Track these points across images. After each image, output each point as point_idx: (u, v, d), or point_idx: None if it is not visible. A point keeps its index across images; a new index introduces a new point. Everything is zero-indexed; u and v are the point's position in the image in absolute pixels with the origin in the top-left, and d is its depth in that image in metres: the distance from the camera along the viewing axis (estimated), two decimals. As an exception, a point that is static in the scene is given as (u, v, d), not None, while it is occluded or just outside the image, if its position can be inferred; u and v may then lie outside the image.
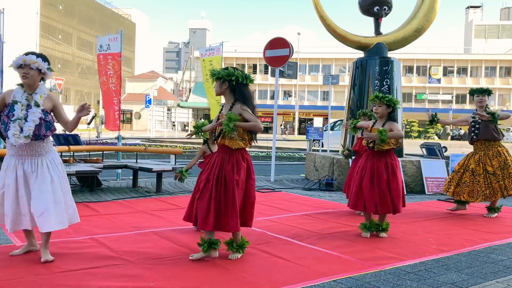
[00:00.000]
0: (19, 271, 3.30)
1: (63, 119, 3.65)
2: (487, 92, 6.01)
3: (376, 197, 4.67)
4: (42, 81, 3.59)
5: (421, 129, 48.02)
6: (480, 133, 5.95)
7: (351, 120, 5.34)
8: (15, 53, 3.60)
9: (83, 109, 3.54)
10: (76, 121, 3.63)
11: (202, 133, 3.99)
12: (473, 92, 6.08)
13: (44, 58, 3.55)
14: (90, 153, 9.00)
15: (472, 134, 6.02)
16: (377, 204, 4.67)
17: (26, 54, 3.49)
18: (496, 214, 6.09)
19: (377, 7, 9.19)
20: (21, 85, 3.56)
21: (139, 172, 7.90)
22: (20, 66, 3.46)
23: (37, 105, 3.48)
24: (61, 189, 3.57)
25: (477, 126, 5.98)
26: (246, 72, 4.06)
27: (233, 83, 3.75)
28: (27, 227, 3.53)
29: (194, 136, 4.07)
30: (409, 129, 46.58)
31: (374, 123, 4.90)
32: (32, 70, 3.48)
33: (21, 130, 3.40)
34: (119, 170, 8.69)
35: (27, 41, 51.55)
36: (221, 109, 3.93)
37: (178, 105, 49.42)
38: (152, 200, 6.63)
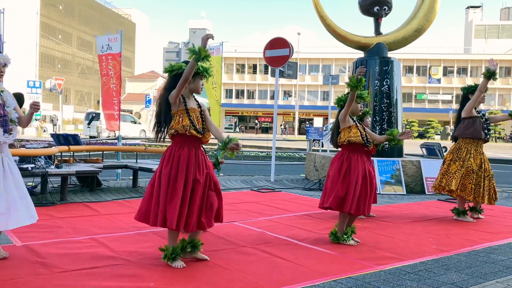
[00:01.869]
0: (19, 271, 3.29)
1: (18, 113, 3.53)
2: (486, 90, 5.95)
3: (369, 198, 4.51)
4: None
5: (421, 129, 48.04)
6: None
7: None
8: (15, 53, 3.50)
9: (32, 106, 3.44)
10: (29, 117, 3.54)
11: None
12: (475, 88, 5.76)
13: None
14: (90, 153, 8.99)
15: (486, 131, 5.74)
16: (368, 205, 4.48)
17: None
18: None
19: (377, 7, 9.19)
20: None
21: (139, 172, 7.90)
22: (5, 65, 3.37)
23: (10, 106, 3.42)
24: (22, 185, 3.46)
25: (489, 125, 5.80)
26: (246, 71, 3.98)
27: None
28: None
29: None
30: (409, 129, 46.58)
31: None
32: (6, 68, 3.40)
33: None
34: (119, 170, 8.69)
35: (27, 41, 51.55)
36: (185, 103, 3.57)
37: (178, 105, 49.36)
38: (152, 200, 6.62)
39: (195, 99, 3.74)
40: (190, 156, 3.52)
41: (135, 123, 29.48)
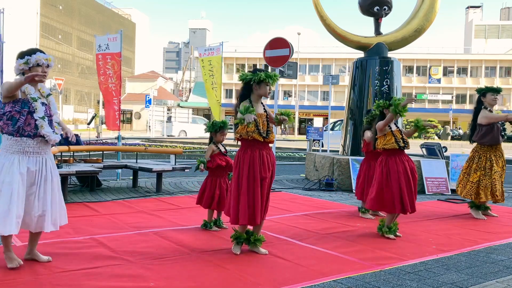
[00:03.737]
0: (19, 271, 3.30)
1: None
2: (500, 91, 6.01)
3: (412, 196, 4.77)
4: None
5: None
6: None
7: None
8: (15, 53, 3.52)
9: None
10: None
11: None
12: (488, 90, 5.90)
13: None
14: (90, 153, 9.00)
15: (503, 134, 5.86)
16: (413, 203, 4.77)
17: (38, 51, 3.44)
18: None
19: (377, 7, 9.19)
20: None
21: (139, 172, 7.90)
22: (48, 66, 3.46)
23: (55, 107, 3.56)
24: (58, 190, 3.53)
25: (504, 126, 5.93)
26: (246, 72, 4.06)
27: None
28: (14, 232, 3.26)
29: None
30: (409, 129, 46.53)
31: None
32: (49, 69, 3.50)
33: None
34: (119, 170, 8.69)
35: (27, 41, 51.51)
36: (253, 108, 3.79)
37: (178, 105, 49.42)
38: (152, 200, 6.63)
39: (261, 103, 4.02)
40: (254, 157, 3.84)
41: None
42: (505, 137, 5.91)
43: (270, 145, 3.97)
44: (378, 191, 4.78)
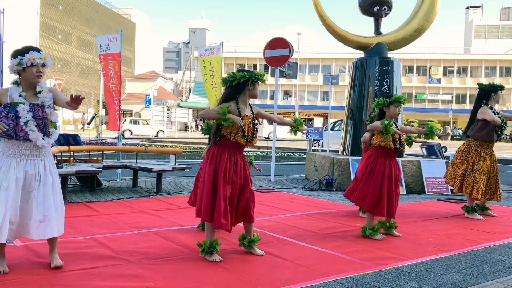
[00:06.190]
0: (19, 271, 3.29)
1: (62, 101, 3.37)
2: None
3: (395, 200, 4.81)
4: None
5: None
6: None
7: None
8: None
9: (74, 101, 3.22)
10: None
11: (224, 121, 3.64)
12: (501, 88, 5.86)
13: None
14: (90, 153, 9.00)
15: (500, 133, 5.85)
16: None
17: (32, 49, 3.22)
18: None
19: (377, 7, 9.19)
20: (15, 82, 3.32)
21: (139, 172, 7.90)
22: (44, 65, 3.24)
23: (49, 106, 3.33)
24: (59, 193, 3.41)
25: (505, 125, 5.89)
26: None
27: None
28: (8, 239, 3.21)
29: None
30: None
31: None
32: (45, 68, 3.29)
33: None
34: (119, 170, 8.69)
35: (27, 41, 51.49)
36: (239, 111, 3.72)
37: (178, 105, 49.42)
38: (152, 200, 6.63)
39: (250, 104, 3.89)
40: (230, 161, 3.73)
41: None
42: (501, 137, 5.87)
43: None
44: (355, 183, 5.05)
